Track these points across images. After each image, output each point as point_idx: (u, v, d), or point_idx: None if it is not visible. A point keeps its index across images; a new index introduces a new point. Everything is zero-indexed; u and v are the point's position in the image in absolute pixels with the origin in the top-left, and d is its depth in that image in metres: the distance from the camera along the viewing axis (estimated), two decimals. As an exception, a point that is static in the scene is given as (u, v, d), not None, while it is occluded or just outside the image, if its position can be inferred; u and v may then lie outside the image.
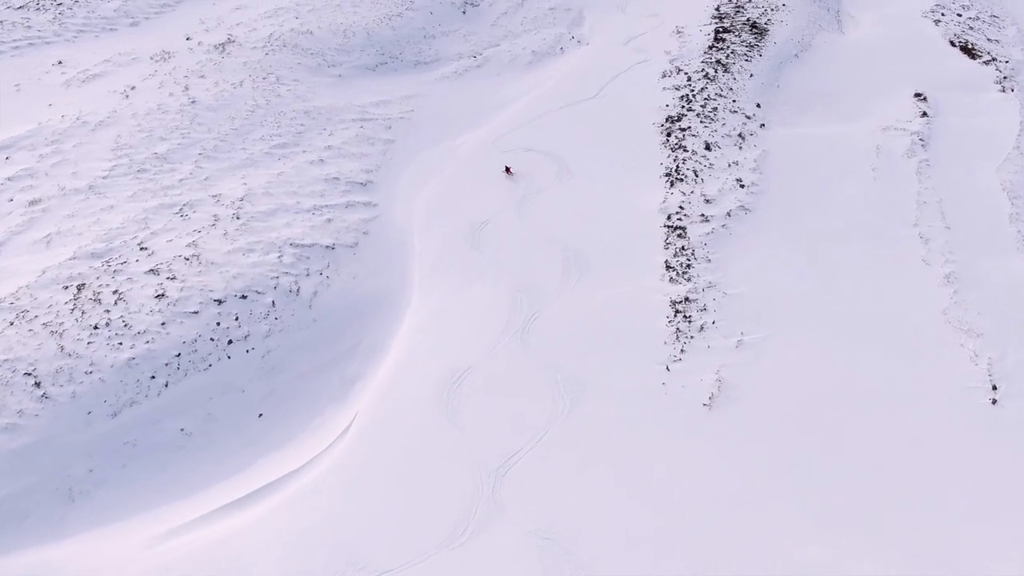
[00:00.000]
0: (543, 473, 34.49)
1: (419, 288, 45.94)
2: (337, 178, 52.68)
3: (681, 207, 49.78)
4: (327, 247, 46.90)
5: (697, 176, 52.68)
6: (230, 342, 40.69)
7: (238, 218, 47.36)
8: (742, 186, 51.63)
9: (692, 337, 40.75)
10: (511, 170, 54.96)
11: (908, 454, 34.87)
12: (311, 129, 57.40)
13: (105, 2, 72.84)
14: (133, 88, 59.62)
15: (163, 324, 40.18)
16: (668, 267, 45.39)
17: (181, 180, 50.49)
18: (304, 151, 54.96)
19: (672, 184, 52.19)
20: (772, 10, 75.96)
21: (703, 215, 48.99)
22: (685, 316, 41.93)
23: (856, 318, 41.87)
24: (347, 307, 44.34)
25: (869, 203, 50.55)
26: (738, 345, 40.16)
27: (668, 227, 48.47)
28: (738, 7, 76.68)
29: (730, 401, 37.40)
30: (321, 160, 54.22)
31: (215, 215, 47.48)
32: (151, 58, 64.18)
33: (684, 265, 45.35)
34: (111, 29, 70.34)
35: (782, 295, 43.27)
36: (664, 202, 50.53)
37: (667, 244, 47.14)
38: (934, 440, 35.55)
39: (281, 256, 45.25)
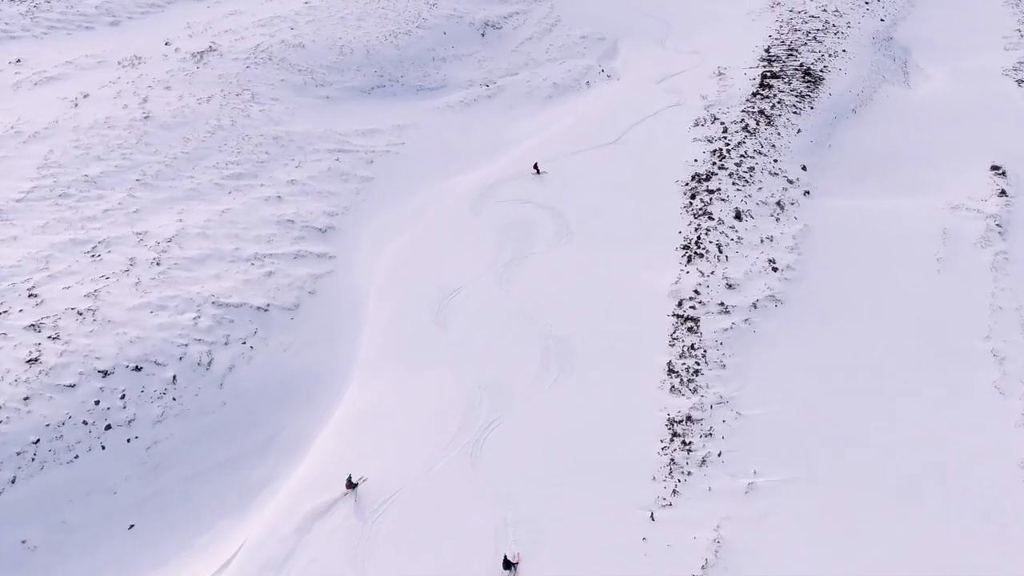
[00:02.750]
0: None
1: (362, 369, 37.47)
2: (292, 221, 44.52)
3: (697, 292, 40.70)
4: (259, 308, 38.64)
5: (721, 252, 43.56)
6: (108, 427, 32.50)
7: (158, 264, 39.34)
8: (775, 269, 42.41)
9: (690, 474, 31.60)
10: (539, 169, 51.45)
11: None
12: (277, 158, 49.40)
13: (87, -3, 66.09)
14: (86, 96, 52.25)
15: (26, 399, 32.13)
16: (671, 371, 36.34)
17: (106, 211, 42.71)
18: (262, 184, 46.94)
19: (689, 260, 43.14)
20: (830, 56, 66.64)
21: (722, 305, 39.84)
22: (684, 443, 32.82)
23: (906, 463, 32.38)
24: (269, 388, 35.99)
25: (931, 303, 40.96)
26: (748, 490, 30.94)
27: (678, 317, 39.41)
28: (791, 50, 67.52)
29: (730, 573, 28.17)
30: (279, 197, 46.14)
31: (132, 258, 39.51)
32: (119, 63, 56.97)
33: (691, 370, 36.26)
34: (87, 27, 63.41)
35: (812, 422, 33.97)
36: (677, 283, 41.51)
37: (674, 339, 38.09)
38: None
39: (198, 317, 37.08)
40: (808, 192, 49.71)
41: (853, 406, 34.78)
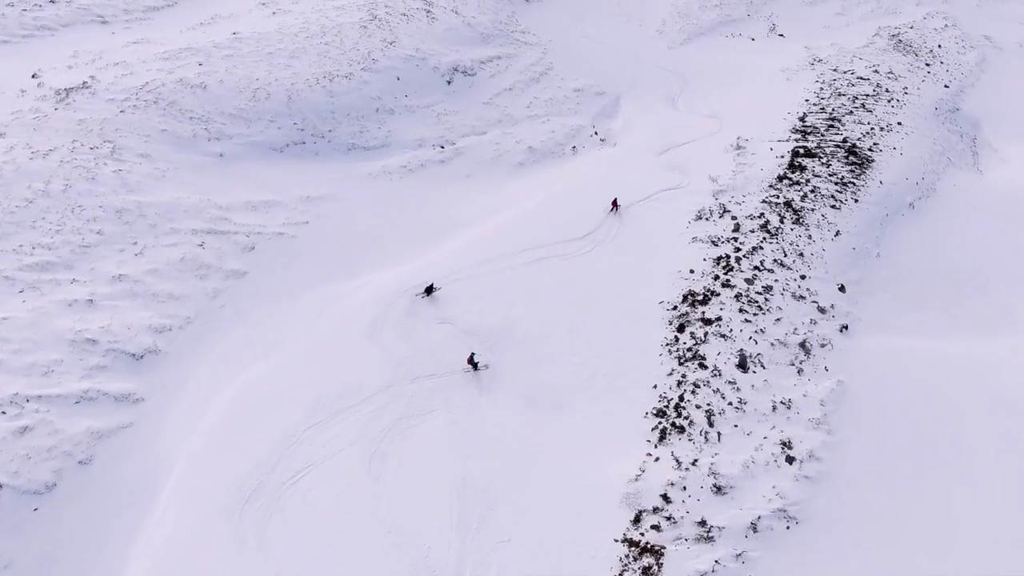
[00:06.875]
0: None
1: (116, 613, 23.59)
2: (95, 340, 30.97)
3: (666, 497, 26.41)
4: (-20, 495, 25.03)
5: (712, 426, 29.27)
6: None
7: None
8: (790, 460, 28.04)
9: None
10: (618, 204, 43.37)
11: None
12: (112, 241, 36.04)
13: (-40, 15, 53.85)
14: None
15: None
16: (605, 658, 22.06)
17: None
18: (74, 280, 33.52)
19: (663, 437, 28.90)
20: (882, 130, 52.31)
21: (703, 525, 25.49)
22: None
23: None
24: (-49, 644, 22.26)
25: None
26: None
27: (631, 546, 25.11)
28: (832, 119, 53.32)
29: None
30: (90, 301, 32.66)
31: None
32: (-41, 98, 44.27)
33: (638, 661, 21.95)
34: (-52, 51, 51.10)
35: None
36: (638, 479, 27.27)
37: (618, 591, 23.85)
38: None
39: None
40: (846, 327, 35.27)
41: None
